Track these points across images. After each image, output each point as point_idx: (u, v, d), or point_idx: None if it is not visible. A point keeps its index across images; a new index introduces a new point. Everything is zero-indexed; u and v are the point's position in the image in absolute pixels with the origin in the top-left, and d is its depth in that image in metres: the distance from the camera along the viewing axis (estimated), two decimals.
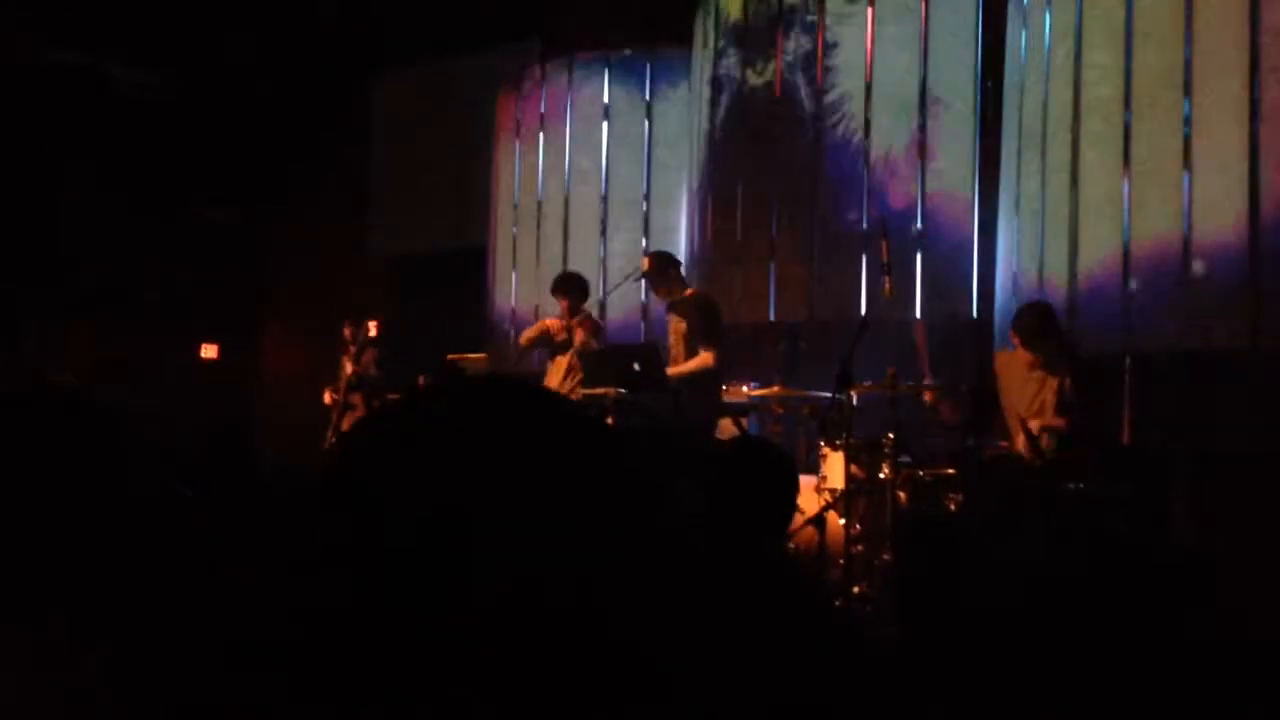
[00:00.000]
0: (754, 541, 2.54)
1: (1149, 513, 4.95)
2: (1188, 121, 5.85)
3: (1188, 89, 5.84)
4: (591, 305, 7.68)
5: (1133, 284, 6.05)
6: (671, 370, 6.63)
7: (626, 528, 0.85)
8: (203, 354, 11.60)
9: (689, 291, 7.01)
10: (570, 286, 7.41)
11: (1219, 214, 5.66)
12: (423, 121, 11.06)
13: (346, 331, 8.72)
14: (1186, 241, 5.80)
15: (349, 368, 8.54)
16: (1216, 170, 5.70)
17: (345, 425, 8.41)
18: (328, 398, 8.71)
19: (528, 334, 7.84)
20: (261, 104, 11.50)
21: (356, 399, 8.52)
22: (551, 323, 7.51)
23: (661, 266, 6.92)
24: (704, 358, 6.57)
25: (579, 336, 7.21)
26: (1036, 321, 5.63)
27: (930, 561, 2.57)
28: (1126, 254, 6.07)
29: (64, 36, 10.50)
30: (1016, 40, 7.00)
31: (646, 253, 7.82)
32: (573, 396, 6.94)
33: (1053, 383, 5.60)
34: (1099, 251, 6.25)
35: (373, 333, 9.47)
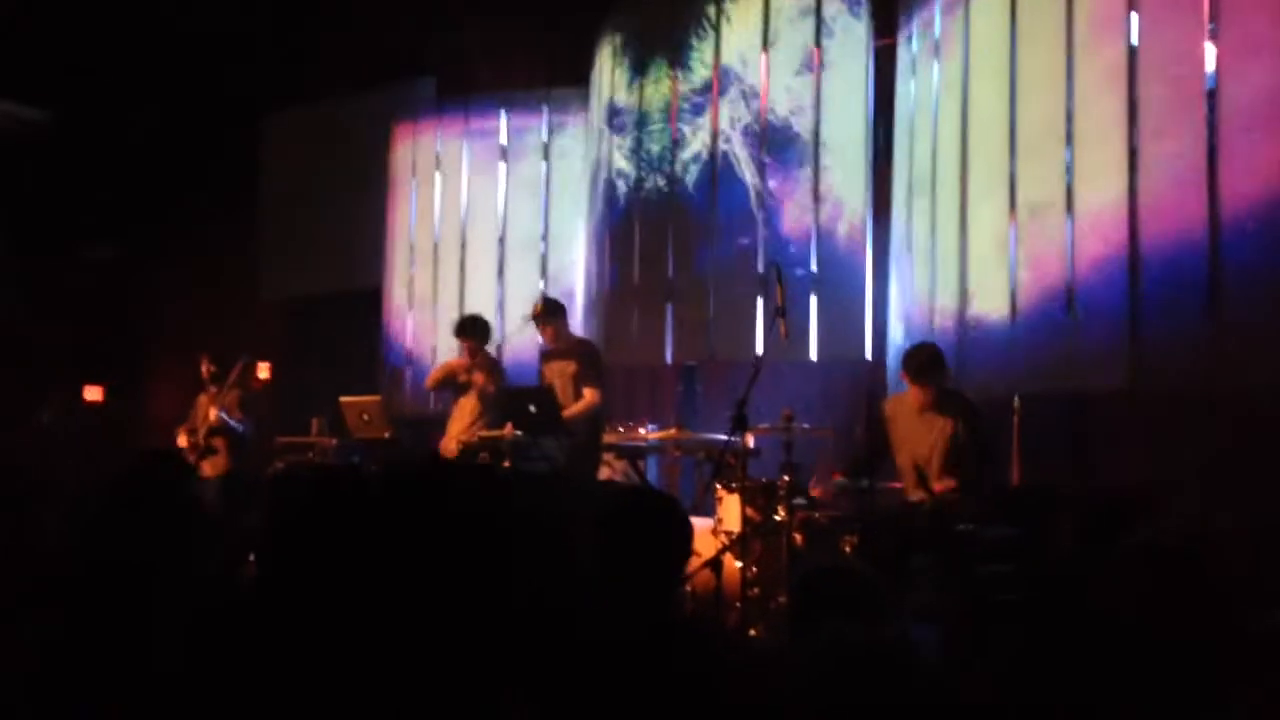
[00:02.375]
0: (649, 594, 2.50)
1: (1034, 554, 5.03)
2: (1070, 170, 6.03)
3: (1070, 140, 6.02)
4: (491, 346, 7.64)
5: (1018, 327, 6.20)
6: (565, 413, 6.66)
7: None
8: (86, 397, 11.19)
9: (573, 337, 7.27)
10: (473, 329, 7.38)
11: (1100, 260, 5.83)
12: (315, 160, 10.87)
13: (204, 369, 8.25)
14: (1069, 287, 5.97)
15: (212, 411, 8.10)
16: (1097, 218, 5.88)
17: (206, 470, 7.99)
18: (182, 439, 8.25)
19: (433, 375, 7.76)
20: (145, 140, 11.21)
21: (219, 443, 8.07)
22: (455, 363, 7.46)
23: (554, 310, 7.07)
24: (591, 397, 6.80)
25: (478, 379, 7.21)
26: (924, 358, 5.72)
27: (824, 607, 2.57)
28: (1013, 298, 6.22)
29: None
30: (906, 90, 7.16)
31: (542, 296, 7.88)
32: (475, 438, 6.94)
33: (945, 427, 5.66)
34: (986, 295, 6.39)
35: (264, 375, 9.17)
